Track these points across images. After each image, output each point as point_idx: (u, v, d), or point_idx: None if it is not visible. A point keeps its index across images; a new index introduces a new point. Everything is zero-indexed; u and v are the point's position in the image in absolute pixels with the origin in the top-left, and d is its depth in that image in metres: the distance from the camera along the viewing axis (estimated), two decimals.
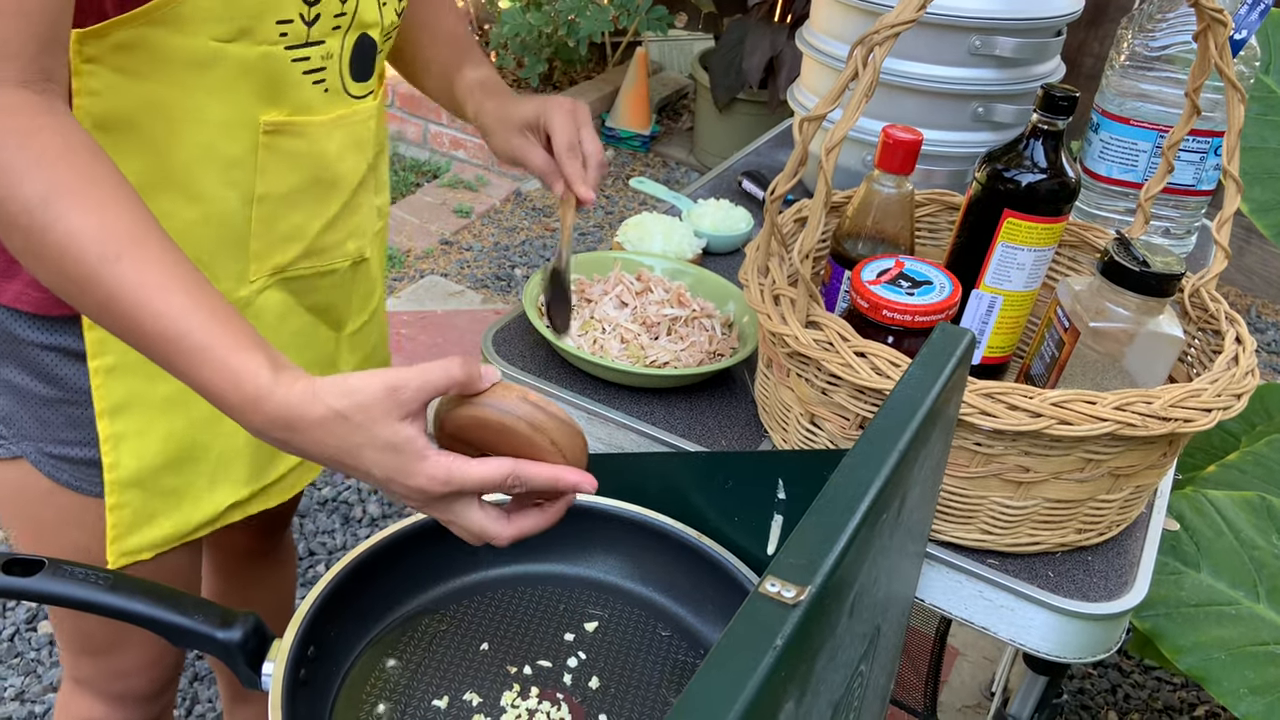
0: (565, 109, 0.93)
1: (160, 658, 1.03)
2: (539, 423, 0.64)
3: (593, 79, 3.84)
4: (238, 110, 0.78)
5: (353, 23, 0.82)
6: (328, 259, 0.91)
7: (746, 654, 0.40)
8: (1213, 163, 1.22)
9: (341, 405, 0.59)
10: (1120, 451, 0.77)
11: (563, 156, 0.91)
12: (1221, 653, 0.95)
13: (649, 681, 0.77)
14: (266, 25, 0.75)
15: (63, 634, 1.00)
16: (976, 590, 0.83)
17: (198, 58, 0.74)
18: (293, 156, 0.83)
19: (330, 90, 0.83)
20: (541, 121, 0.93)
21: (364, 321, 1.03)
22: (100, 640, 0.98)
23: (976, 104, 1.22)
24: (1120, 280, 0.83)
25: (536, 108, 0.94)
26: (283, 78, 0.79)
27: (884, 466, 0.52)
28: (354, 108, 0.86)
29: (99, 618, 0.94)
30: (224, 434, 0.90)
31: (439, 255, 2.98)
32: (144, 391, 0.85)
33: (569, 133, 0.92)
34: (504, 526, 0.65)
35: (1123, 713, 1.87)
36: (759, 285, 0.85)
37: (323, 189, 0.87)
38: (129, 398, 0.84)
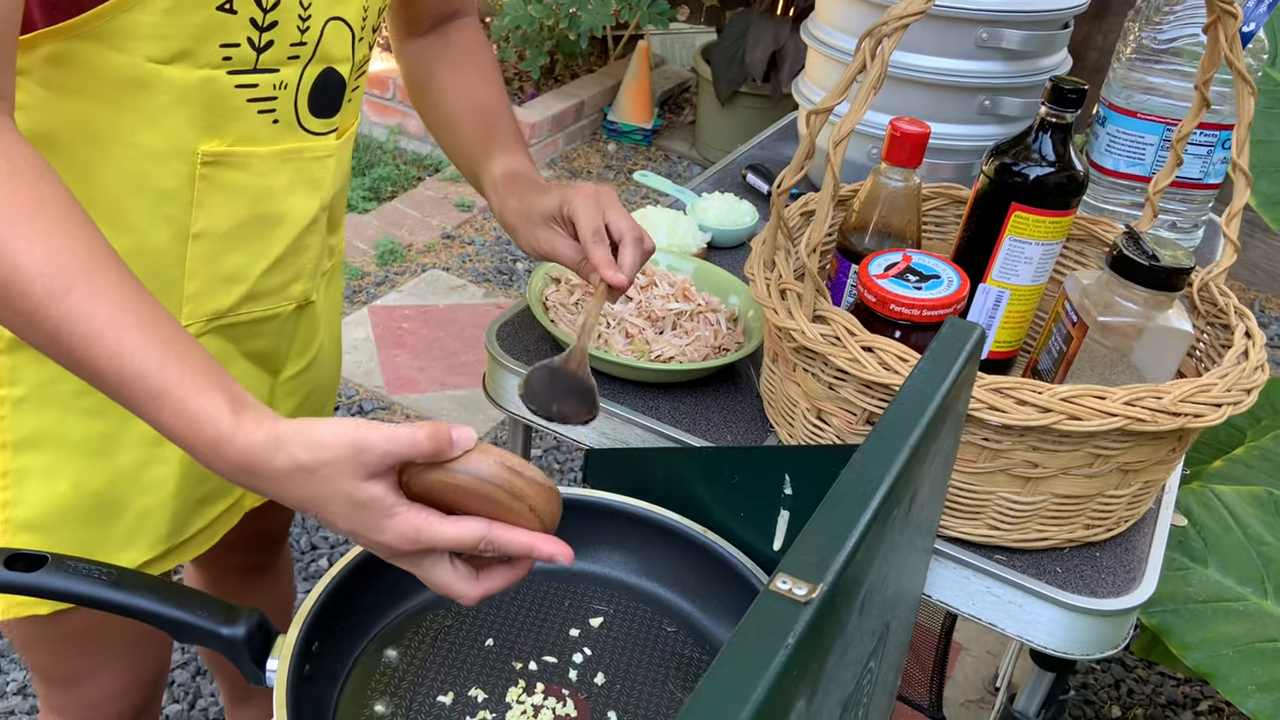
0: (587, 195, 0.86)
1: (132, 686, 1.00)
2: (517, 489, 0.60)
3: (594, 72, 3.83)
4: (173, 139, 0.74)
5: (314, 55, 0.78)
6: (270, 303, 0.87)
7: (758, 652, 0.40)
8: (1220, 156, 1.22)
9: (305, 458, 0.57)
10: (1129, 447, 0.77)
11: (588, 243, 0.85)
12: (1229, 649, 0.95)
13: (655, 677, 0.77)
14: (209, 48, 0.71)
15: (31, 666, 0.97)
16: (984, 586, 0.82)
17: (132, 78, 0.70)
18: (233, 190, 0.79)
19: (281, 122, 0.79)
20: (565, 211, 0.87)
21: (303, 367, 0.98)
22: (69, 671, 0.96)
23: (983, 97, 1.21)
24: (1129, 274, 0.82)
25: (559, 199, 0.87)
26: (224, 104, 0.74)
27: (895, 463, 0.51)
28: (308, 143, 0.82)
29: (64, 650, 0.93)
30: (148, 489, 0.86)
31: (440, 249, 2.98)
32: (58, 430, 0.80)
33: (593, 219, 0.85)
34: (471, 586, 0.63)
35: (1126, 708, 1.87)
36: (765, 279, 0.85)
37: (266, 227, 0.83)
38: (39, 434, 0.80)
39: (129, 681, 1.00)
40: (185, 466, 0.87)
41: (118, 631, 0.94)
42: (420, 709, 0.72)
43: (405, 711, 0.72)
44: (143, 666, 1.00)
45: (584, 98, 3.64)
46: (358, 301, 2.70)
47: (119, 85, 0.70)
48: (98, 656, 0.95)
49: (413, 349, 2.55)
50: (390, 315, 2.66)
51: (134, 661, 0.99)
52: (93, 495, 0.83)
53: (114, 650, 0.96)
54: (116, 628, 0.93)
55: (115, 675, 0.98)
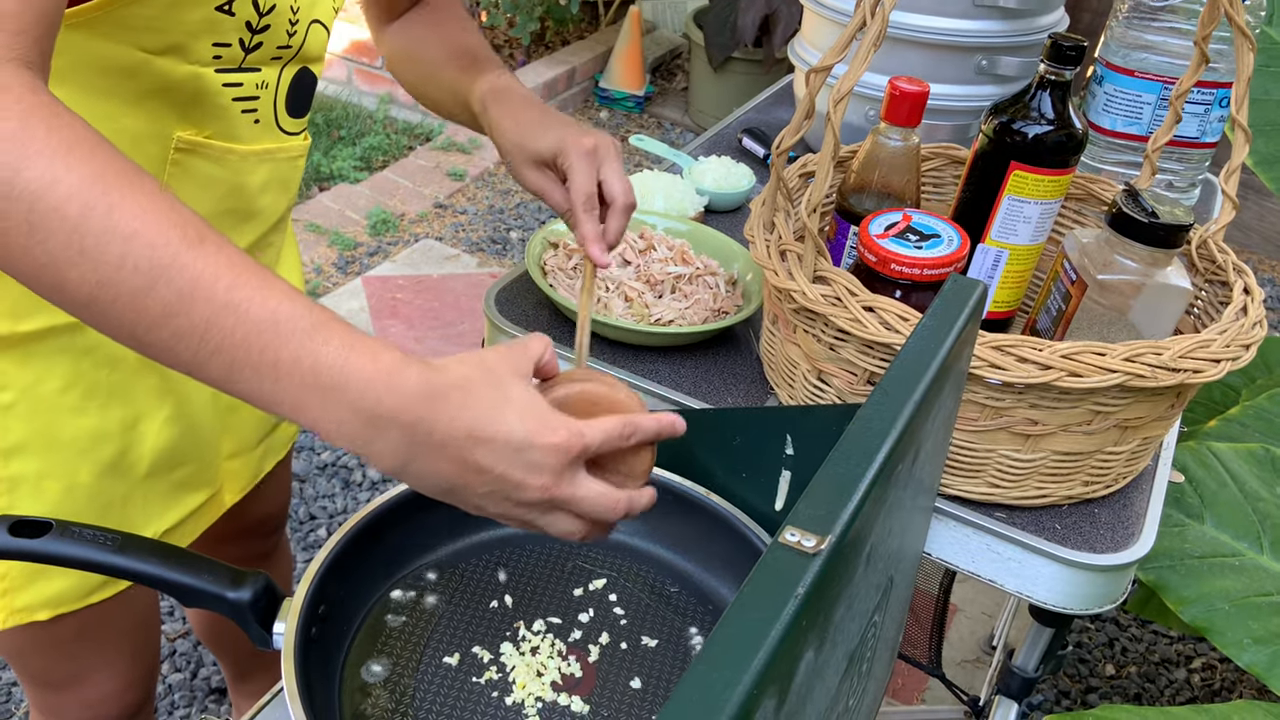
0: (585, 150, 0.80)
1: (131, 682, 0.99)
2: (618, 386, 0.66)
3: (585, 39, 3.80)
4: (152, 123, 0.73)
5: (296, 55, 0.78)
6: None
7: (769, 603, 0.40)
8: (1217, 114, 1.21)
9: (473, 371, 0.55)
10: (1129, 403, 0.77)
11: (578, 209, 0.80)
12: (1225, 604, 0.96)
13: (658, 636, 0.77)
14: (201, 45, 0.71)
15: (21, 672, 0.96)
16: (984, 543, 0.83)
17: (119, 65, 0.69)
18: (206, 181, 0.78)
19: (261, 122, 0.78)
20: (560, 163, 0.82)
21: None
22: (64, 674, 0.95)
23: (980, 56, 1.21)
24: (1129, 232, 0.82)
25: (554, 144, 0.81)
26: (207, 100, 0.74)
27: (900, 418, 0.52)
28: (284, 143, 0.82)
29: (58, 653, 0.92)
30: (124, 474, 0.85)
31: (433, 219, 2.96)
32: (47, 432, 0.79)
33: (588, 182, 0.80)
34: (620, 495, 0.60)
35: (1120, 666, 1.90)
36: (765, 241, 0.84)
37: (236, 221, 0.82)
38: (30, 438, 0.79)
39: (130, 677, 0.99)
40: (160, 444, 0.86)
41: (109, 627, 0.93)
42: (426, 670, 0.73)
43: (411, 673, 0.72)
44: (138, 662, 0.99)
45: (575, 64, 3.61)
46: (351, 272, 2.69)
47: (106, 72, 0.69)
48: (93, 656, 0.94)
49: (407, 319, 2.55)
50: (384, 285, 2.65)
51: (129, 658, 0.98)
52: (84, 493, 0.83)
53: (109, 648, 0.95)
54: (107, 624, 0.93)
55: (113, 674, 0.97)
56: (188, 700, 1.66)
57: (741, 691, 0.36)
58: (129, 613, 0.94)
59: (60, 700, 0.97)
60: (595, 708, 0.71)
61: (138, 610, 0.96)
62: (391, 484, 2.14)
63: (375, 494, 2.05)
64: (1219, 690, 1.87)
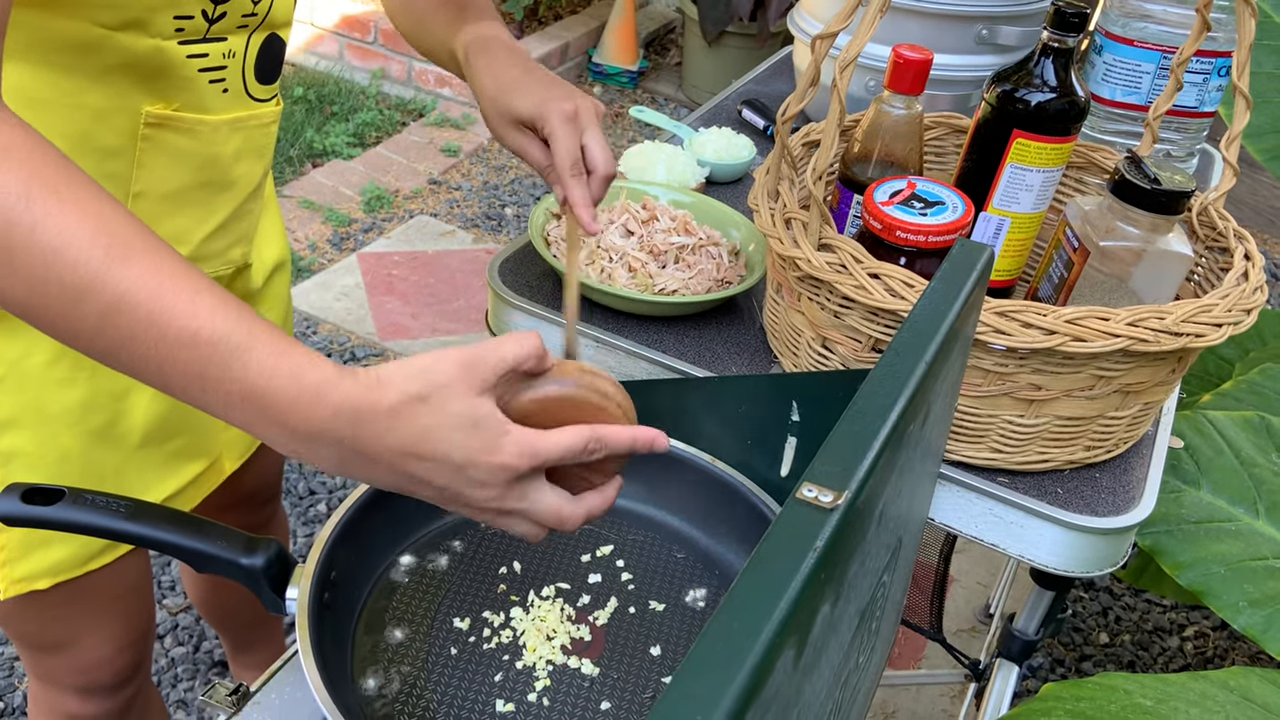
0: (566, 115, 0.79)
1: (124, 646, 1.00)
2: (603, 390, 0.61)
3: (578, 13, 3.78)
4: (118, 98, 0.72)
5: (263, 22, 0.77)
6: (211, 266, 0.86)
7: (788, 556, 0.41)
8: (1215, 84, 1.22)
9: (415, 387, 0.53)
10: (1131, 368, 0.78)
11: (564, 174, 0.79)
12: (1221, 567, 0.97)
13: (665, 600, 0.78)
14: (162, 19, 0.70)
15: (14, 637, 0.96)
16: (987, 508, 0.84)
17: (78, 42, 0.68)
18: (179, 154, 0.77)
19: (230, 91, 0.78)
20: (541, 127, 0.81)
21: None
22: (54, 637, 0.95)
23: (980, 26, 1.21)
24: (1131, 198, 0.83)
25: (535, 107, 0.80)
26: (173, 73, 0.73)
27: (912, 378, 0.52)
28: (255, 110, 0.81)
29: (47, 616, 0.92)
30: (116, 445, 0.85)
31: (428, 195, 2.95)
32: (36, 406, 0.79)
33: (571, 147, 0.79)
34: (576, 506, 0.60)
35: (1114, 634, 1.92)
36: (769, 209, 0.85)
37: (212, 192, 0.82)
38: (20, 412, 0.78)
39: (121, 642, 0.99)
40: (151, 415, 0.87)
41: (100, 592, 0.94)
42: (437, 634, 0.73)
43: (423, 636, 0.73)
44: (131, 625, 1.00)
45: (568, 39, 3.59)
46: (346, 249, 2.68)
47: (65, 49, 0.68)
48: (85, 620, 0.95)
49: (403, 295, 2.54)
50: (379, 262, 2.65)
51: (121, 621, 0.98)
52: (76, 464, 0.83)
53: (99, 611, 0.96)
54: (99, 589, 0.93)
55: (105, 638, 0.97)
56: (190, 673, 1.67)
57: (764, 641, 0.37)
58: (121, 579, 0.95)
59: (53, 664, 0.98)
60: (605, 670, 0.72)
61: (130, 576, 0.96)
62: None
63: None
64: (1211, 658, 1.89)
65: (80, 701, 1.01)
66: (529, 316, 0.97)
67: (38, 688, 1.02)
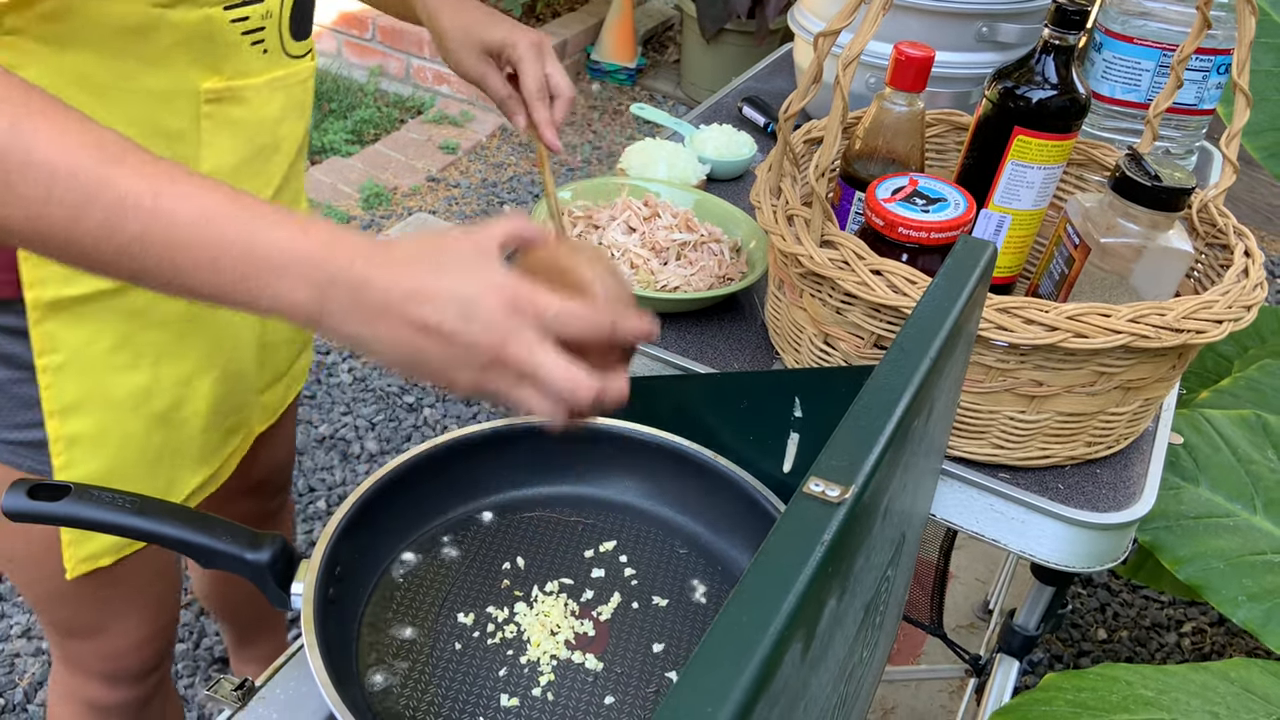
0: (531, 44, 0.90)
1: (152, 634, 1.01)
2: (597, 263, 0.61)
3: (576, 10, 3.77)
4: (176, 79, 0.73)
5: None
6: None
7: (796, 549, 0.41)
8: (1215, 81, 1.22)
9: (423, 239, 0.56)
10: (1132, 364, 0.78)
11: (533, 100, 0.89)
12: (1220, 562, 0.98)
13: (668, 596, 0.79)
14: None
15: (45, 620, 0.97)
16: (988, 504, 0.84)
17: (133, 24, 0.69)
18: (236, 125, 0.79)
19: (270, 51, 0.79)
20: (507, 55, 0.90)
21: None
22: (86, 623, 0.96)
23: (980, 23, 1.21)
24: (1131, 195, 0.83)
25: (503, 36, 0.90)
26: (222, 40, 0.74)
27: (916, 373, 0.52)
28: (292, 68, 0.83)
29: (81, 602, 0.93)
30: (181, 427, 0.87)
31: (426, 192, 2.95)
32: (99, 390, 0.80)
33: (538, 74, 0.89)
34: (590, 377, 0.56)
35: (1112, 630, 1.93)
36: (771, 206, 0.85)
37: (265, 158, 0.83)
38: (83, 397, 0.79)
39: (149, 630, 1.00)
40: (212, 400, 0.89)
41: (136, 580, 0.95)
42: (442, 629, 0.74)
43: (427, 631, 0.73)
44: (159, 614, 1.01)
45: (566, 37, 3.59)
46: None
47: (120, 33, 0.69)
48: (117, 605, 0.96)
49: None
50: None
51: (152, 609, 0.99)
52: (137, 447, 0.85)
53: (134, 599, 0.97)
54: (135, 576, 0.94)
55: (135, 625, 0.98)
56: (191, 670, 1.68)
57: (773, 634, 0.37)
58: (152, 564, 0.96)
59: (82, 650, 0.99)
60: (609, 665, 0.73)
61: (161, 562, 0.98)
62: (388, 457, 2.15)
63: (374, 466, 2.06)
64: (1209, 654, 1.90)
65: (105, 689, 1.02)
66: None
67: (63, 674, 1.03)
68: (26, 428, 0.81)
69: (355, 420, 2.17)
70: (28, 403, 0.79)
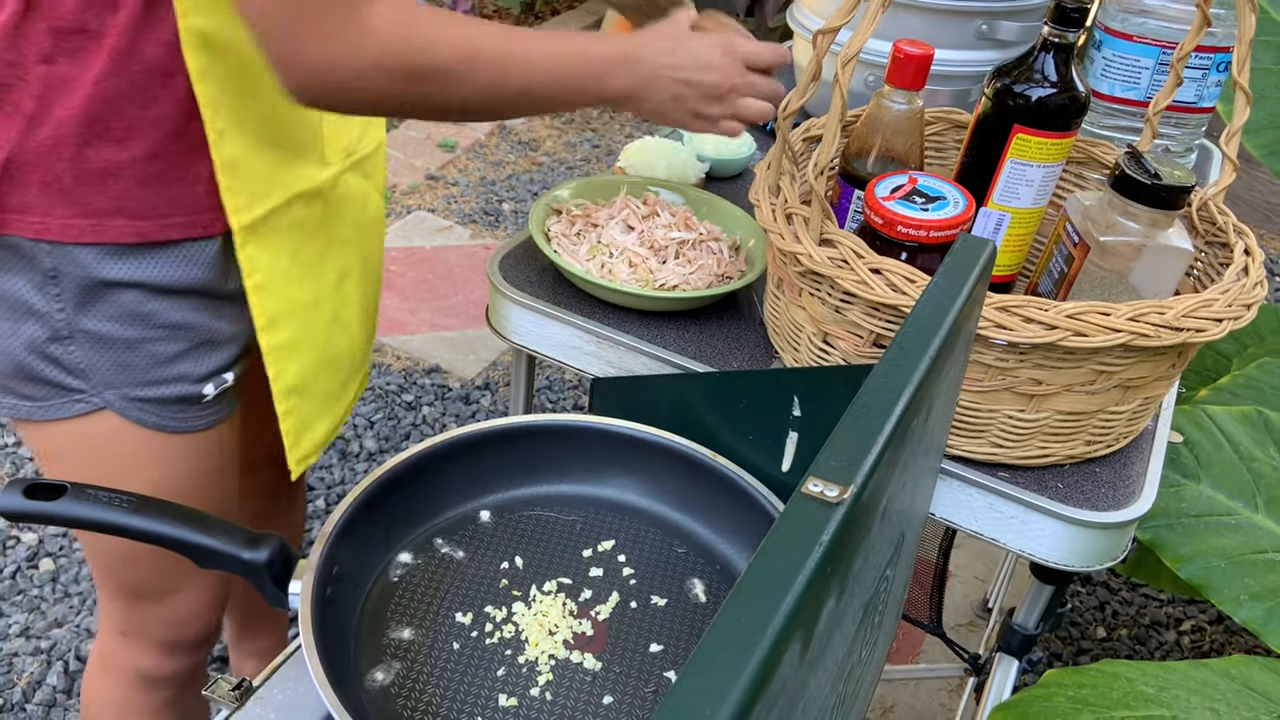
0: None
1: (216, 601, 1.02)
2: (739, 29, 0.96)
3: (575, 8, 3.77)
4: None
5: None
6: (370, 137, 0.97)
7: (795, 550, 0.41)
8: (1214, 79, 1.22)
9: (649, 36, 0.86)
10: (1131, 363, 0.78)
11: None
12: (1221, 561, 0.97)
13: (667, 595, 0.78)
14: None
15: (110, 585, 0.98)
16: (987, 503, 0.84)
17: None
18: None
19: None
20: None
21: None
22: (155, 587, 0.97)
23: (980, 21, 1.21)
24: (1131, 193, 0.83)
25: None
26: None
27: (916, 372, 0.52)
28: None
29: (152, 566, 0.95)
30: (345, 329, 0.97)
31: (425, 190, 2.95)
32: (288, 303, 0.89)
33: None
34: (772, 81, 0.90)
35: (1111, 629, 1.92)
36: (770, 205, 0.85)
37: None
38: (280, 309, 0.88)
39: (211, 596, 1.02)
40: (360, 301, 0.99)
41: None
42: (440, 629, 0.73)
43: (425, 631, 0.73)
44: (220, 579, 1.03)
45: None
46: None
47: None
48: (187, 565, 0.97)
49: (401, 291, 2.54)
50: None
51: (217, 575, 1.01)
52: (320, 350, 0.94)
53: None
54: None
55: (201, 588, 1.00)
56: None
57: (771, 635, 0.37)
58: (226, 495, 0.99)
59: (147, 614, 1.00)
60: (607, 665, 0.72)
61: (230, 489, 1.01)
62: (386, 456, 2.15)
63: (373, 464, 2.06)
64: (1208, 652, 1.90)
65: (163, 657, 1.03)
66: (530, 312, 0.97)
67: (116, 645, 1.03)
68: (153, 384, 0.85)
69: (354, 419, 2.17)
70: (159, 360, 0.85)
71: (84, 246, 0.78)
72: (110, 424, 0.86)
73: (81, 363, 0.83)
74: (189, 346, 0.86)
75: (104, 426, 0.86)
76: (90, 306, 0.81)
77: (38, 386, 0.84)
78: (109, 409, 0.85)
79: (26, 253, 0.78)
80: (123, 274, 0.80)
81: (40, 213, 0.77)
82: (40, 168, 0.75)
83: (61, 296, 0.80)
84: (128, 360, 0.84)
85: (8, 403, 0.86)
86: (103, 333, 0.82)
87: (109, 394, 0.85)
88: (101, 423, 0.86)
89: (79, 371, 0.83)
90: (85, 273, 0.79)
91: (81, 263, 0.79)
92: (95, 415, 0.85)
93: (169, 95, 0.76)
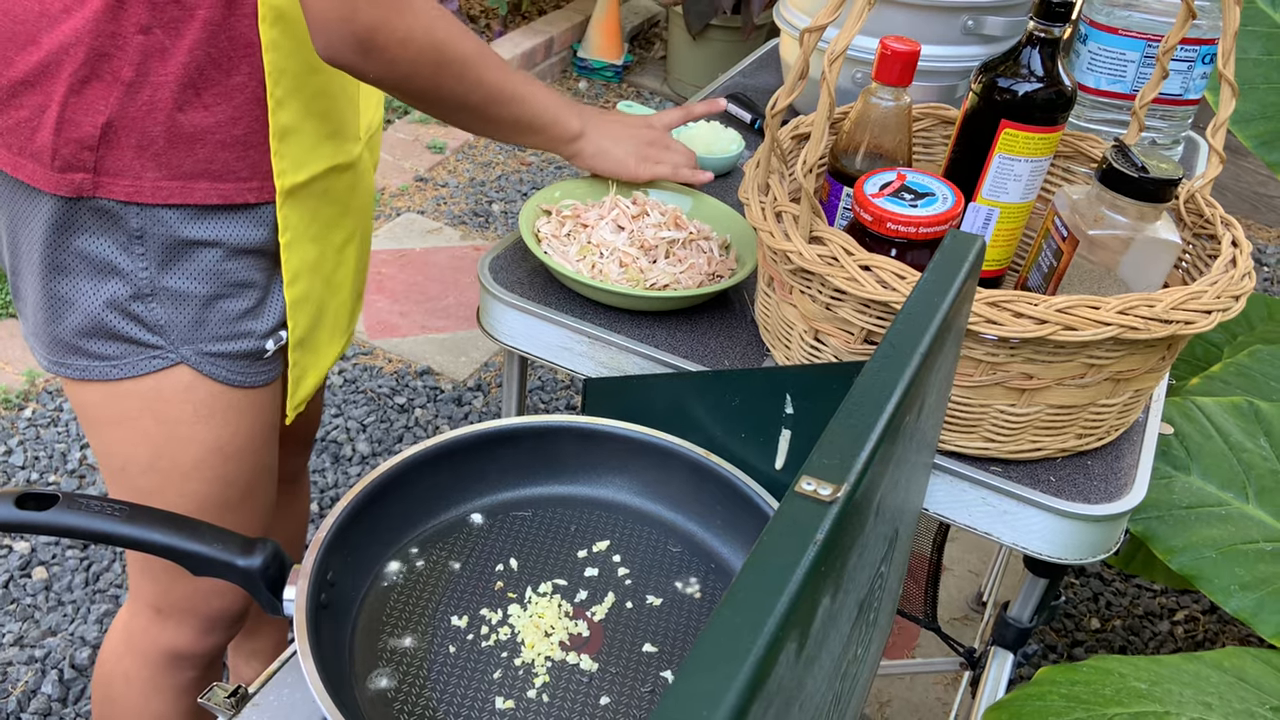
0: None
1: None
2: None
3: (562, 8, 3.77)
4: None
5: None
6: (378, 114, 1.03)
7: (789, 549, 0.41)
8: (1200, 71, 1.22)
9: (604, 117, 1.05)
10: (1122, 355, 0.78)
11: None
12: (1212, 551, 0.98)
13: (662, 595, 0.78)
14: None
15: (151, 559, 0.99)
16: (980, 497, 0.84)
17: None
18: None
19: None
20: None
21: None
22: None
23: (966, 17, 1.21)
24: (1119, 186, 0.83)
25: None
26: None
27: (907, 369, 0.52)
28: None
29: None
30: (338, 289, 1.01)
31: (414, 192, 2.95)
32: (306, 260, 0.94)
33: None
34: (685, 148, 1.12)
35: (1105, 620, 1.93)
36: (760, 203, 0.85)
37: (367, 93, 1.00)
38: (300, 266, 0.93)
39: None
40: (355, 266, 1.03)
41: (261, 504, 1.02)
42: (435, 632, 0.73)
43: (421, 635, 0.73)
44: None
45: (553, 34, 3.58)
46: None
47: None
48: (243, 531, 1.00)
49: (392, 293, 2.54)
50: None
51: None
52: (318, 305, 0.97)
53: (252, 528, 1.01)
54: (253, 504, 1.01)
55: None
56: None
57: (766, 635, 0.37)
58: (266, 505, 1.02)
59: (188, 588, 1.01)
60: (604, 665, 0.73)
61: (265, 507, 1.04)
62: (379, 459, 2.14)
63: (366, 467, 2.05)
64: (1201, 642, 1.91)
65: (198, 634, 1.04)
66: (521, 313, 0.97)
67: (149, 623, 1.04)
68: (225, 339, 0.91)
69: (346, 422, 2.17)
70: (230, 316, 0.90)
71: (170, 208, 0.84)
72: (183, 379, 0.90)
73: (161, 319, 0.88)
74: (254, 304, 0.91)
75: (176, 382, 0.90)
76: (172, 265, 0.86)
77: (115, 344, 0.88)
78: (184, 364, 0.90)
79: (116, 215, 0.83)
80: (204, 234, 0.86)
81: (133, 176, 0.82)
82: (137, 131, 0.80)
83: (146, 255, 0.85)
84: (203, 316, 0.89)
85: (79, 364, 0.89)
86: (183, 290, 0.87)
87: (185, 349, 0.90)
88: (174, 378, 0.90)
89: (158, 328, 0.88)
90: (170, 232, 0.85)
91: (167, 223, 0.84)
92: (169, 371, 0.90)
93: (248, 64, 0.82)
